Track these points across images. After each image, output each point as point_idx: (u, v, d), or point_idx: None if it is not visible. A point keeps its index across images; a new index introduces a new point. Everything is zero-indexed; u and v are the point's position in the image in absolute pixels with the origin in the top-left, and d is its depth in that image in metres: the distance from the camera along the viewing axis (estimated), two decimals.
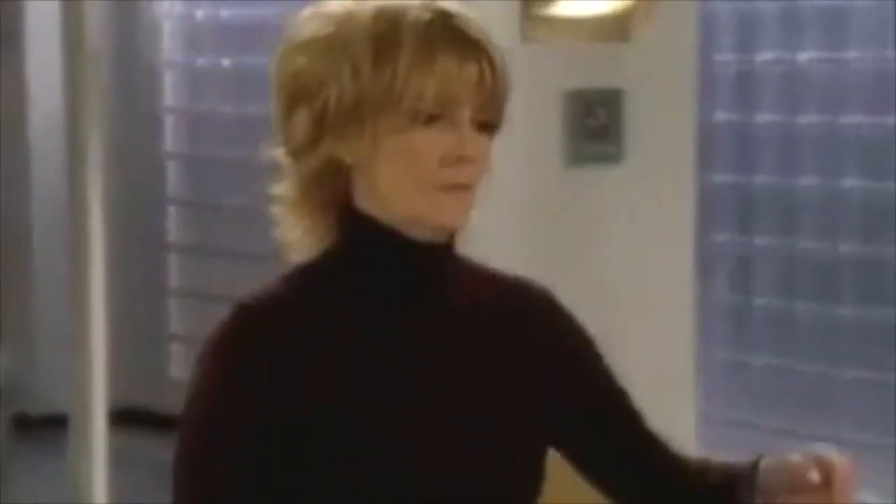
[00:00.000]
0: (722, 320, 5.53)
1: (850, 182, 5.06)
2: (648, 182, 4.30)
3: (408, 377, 1.83)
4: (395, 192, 1.79)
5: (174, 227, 7.00)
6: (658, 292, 4.37)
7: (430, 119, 1.77)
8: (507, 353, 1.92)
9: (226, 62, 6.77)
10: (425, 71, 1.75)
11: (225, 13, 6.77)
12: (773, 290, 5.41)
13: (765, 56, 5.39)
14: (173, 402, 5.27)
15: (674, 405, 4.25)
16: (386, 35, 1.76)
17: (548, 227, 4.19)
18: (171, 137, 6.97)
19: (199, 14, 6.86)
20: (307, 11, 1.84)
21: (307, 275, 1.86)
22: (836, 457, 1.81)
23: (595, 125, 4.19)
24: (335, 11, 1.81)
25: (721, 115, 5.53)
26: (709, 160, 5.46)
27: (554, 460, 2.05)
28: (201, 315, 6.75)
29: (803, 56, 5.28)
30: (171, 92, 6.97)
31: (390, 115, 1.76)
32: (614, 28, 4.04)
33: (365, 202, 1.82)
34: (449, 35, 1.77)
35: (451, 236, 1.86)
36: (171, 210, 6.98)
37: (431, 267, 1.86)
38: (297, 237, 1.88)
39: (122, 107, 6.71)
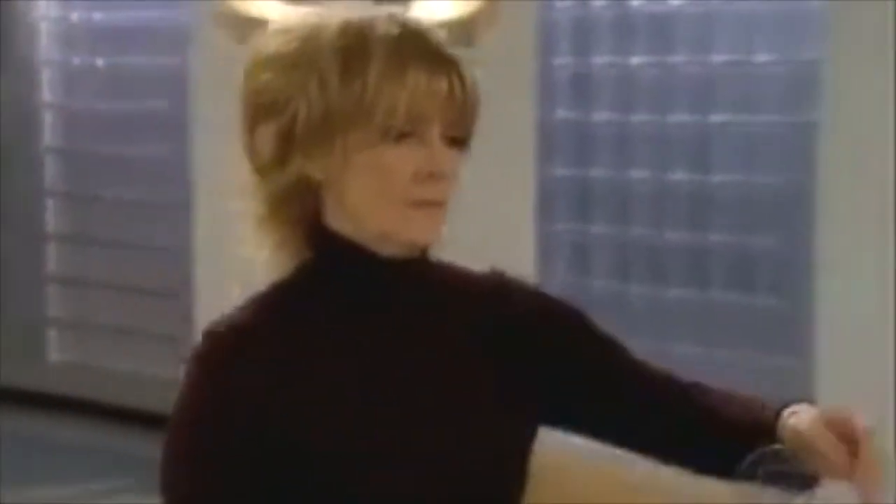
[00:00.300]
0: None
1: (677, 175, 5.16)
2: (492, 174, 4.25)
3: (383, 391, 1.71)
4: (366, 209, 1.70)
5: (52, 217, 6.95)
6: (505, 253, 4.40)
7: (401, 136, 1.66)
8: (485, 355, 1.81)
9: (99, 62, 6.77)
10: (396, 84, 1.65)
11: (98, 16, 6.74)
12: (608, 274, 5.47)
13: (600, 60, 5.47)
14: (51, 385, 5.35)
15: None
16: (354, 48, 1.66)
17: None
18: (49, 133, 6.93)
19: (74, 16, 6.82)
20: (271, 27, 1.74)
21: (278, 294, 1.76)
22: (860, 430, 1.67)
23: None
24: (300, 26, 1.71)
25: (561, 114, 5.58)
26: (549, 155, 5.57)
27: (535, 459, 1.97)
28: (78, 301, 6.78)
29: (635, 60, 5.38)
30: (48, 89, 6.93)
31: (360, 131, 1.66)
32: (460, 32, 4.04)
33: (334, 219, 1.73)
34: (419, 49, 1.67)
35: (422, 251, 1.77)
36: (50, 202, 6.94)
37: (401, 282, 1.75)
38: (265, 254, 1.77)
39: (3, 104, 6.70)
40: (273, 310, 1.75)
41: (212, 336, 1.71)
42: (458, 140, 1.72)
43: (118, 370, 6.37)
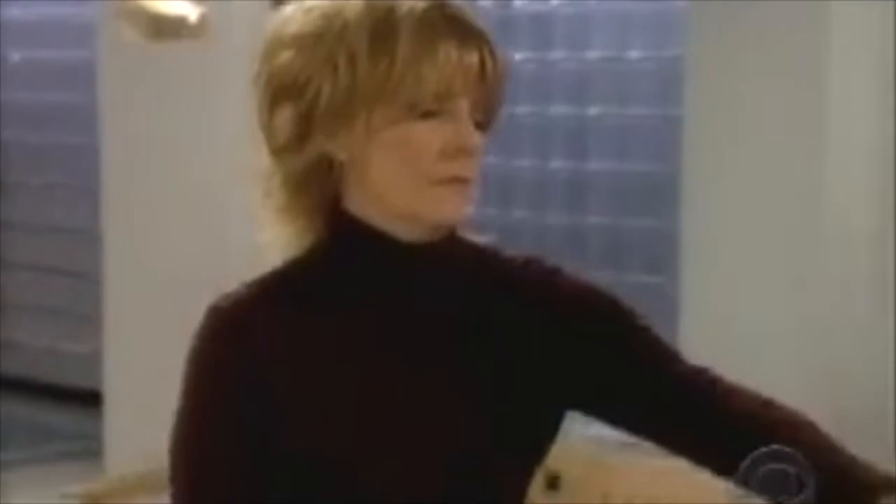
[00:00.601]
0: None
1: (556, 163, 5.31)
2: None
3: (385, 382, 1.57)
4: (391, 188, 1.54)
5: None
6: None
7: (427, 112, 1.51)
8: (506, 346, 1.62)
9: (15, 56, 6.78)
10: (426, 59, 1.50)
11: (14, 12, 6.75)
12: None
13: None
14: None
15: None
16: (382, 23, 1.51)
17: None
18: None
19: None
20: (289, 7, 1.59)
21: (288, 274, 1.61)
22: None
23: None
24: (321, 5, 1.56)
25: None
26: None
27: None
28: None
29: (518, 56, 5.40)
30: None
31: (386, 107, 1.51)
32: None
33: (355, 201, 1.57)
34: (448, 22, 1.53)
35: (449, 233, 1.59)
36: None
37: (421, 268, 1.59)
38: (280, 236, 1.61)
39: None
40: (281, 289, 1.60)
41: (215, 311, 1.58)
42: (481, 123, 1.56)
43: (36, 347, 6.39)
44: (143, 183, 4.41)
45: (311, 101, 1.53)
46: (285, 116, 1.55)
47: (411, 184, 1.53)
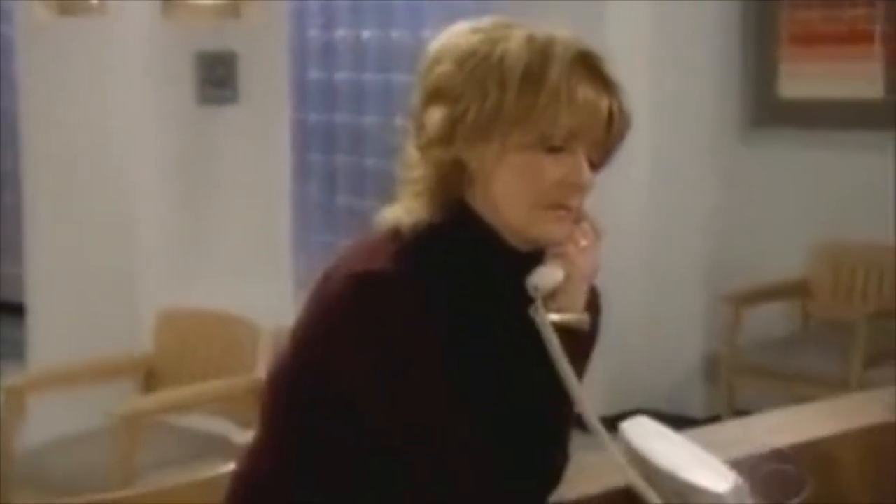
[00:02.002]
0: (315, 213, 5.76)
1: (396, 120, 5.41)
2: (256, 118, 4.40)
3: (493, 361, 1.47)
4: (509, 203, 1.46)
5: None
6: (266, 195, 4.48)
7: (553, 148, 1.44)
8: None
9: None
10: (567, 101, 1.43)
11: None
12: (349, 192, 5.68)
13: (341, 33, 5.66)
14: None
15: (276, 272, 4.48)
16: (536, 60, 1.43)
17: (185, 148, 4.25)
18: None
19: None
20: (465, 24, 1.50)
21: (411, 252, 1.45)
22: None
23: (217, 77, 4.26)
24: (488, 28, 1.47)
25: (313, 74, 5.81)
26: (305, 105, 5.77)
27: None
28: None
29: (365, 34, 5.58)
30: None
31: (522, 134, 1.44)
32: (230, 9, 4.08)
33: (476, 202, 1.48)
34: (591, 71, 1.46)
35: (539, 248, 1.49)
36: None
37: (523, 272, 1.48)
38: (409, 214, 1.48)
39: None
40: (414, 260, 1.45)
41: (372, 275, 1.42)
42: (595, 163, 1.49)
43: None
44: (59, 131, 4.39)
45: (461, 113, 1.44)
46: (436, 118, 1.45)
47: (526, 205, 1.46)
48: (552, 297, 1.48)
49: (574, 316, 1.48)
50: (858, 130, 4.74)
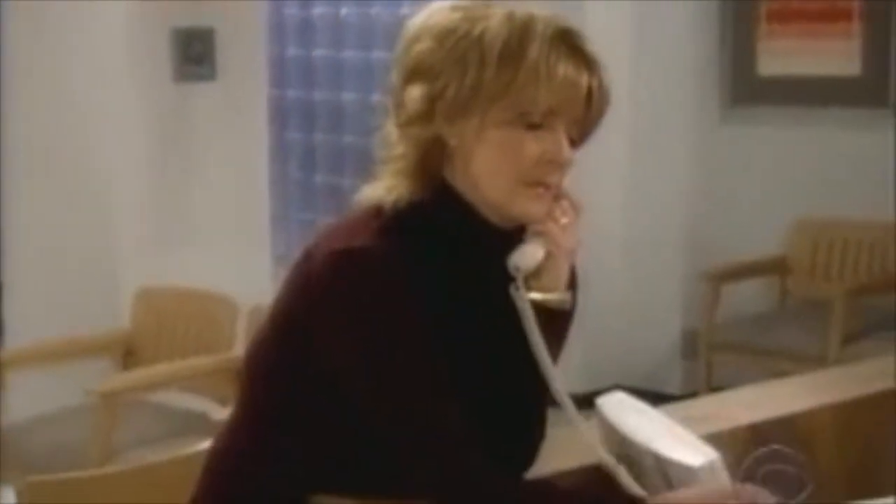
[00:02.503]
0: (294, 190, 5.75)
1: (375, 97, 5.24)
2: (234, 95, 4.36)
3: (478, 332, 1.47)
4: (488, 180, 1.45)
5: None
6: (244, 172, 4.45)
7: (533, 124, 1.44)
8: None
9: None
10: (546, 77, 1.42)
11: None
12: (327, 170, 5.66)
13: (318, 10, 5.63)
14: None
15: (254, 250, 4.44)
16: (515, 37, 1.42)
17: (162, 126, 4.22)
18: None
19: None
20: (445, 2, 1.48)
21: (401, 226, 1.45)
22: None
23: (194, 53, 4.23)
24: (468, 6, 1.47)
25: (291, 51, 5.78)
26: (284, 81, 5.74)
27: None
28: None
29: (343, 10, 5.54)
30: None
31: (501, 111, 1.43)
32: None
33: (456, 179, 1.47)
34: (571, 48, 1.44)
35: (518, 226, 1.49)
36: None
37: (503, 249, 1.48)
38: (389, 192, 1.47)
39: None
40: (397, 236, 1.45)
41: (356, 252, 1.42)
42: (574, 140, 1.48)
43: None
44: (35, 109, 4.36)
45: (440, 90, 1.43)
46: (415, 95, 1.44)
47: (506, 181, 1.45)
48: (535, 276, 1.47)
49: (556, 296, 1.49)
50: (837, 108, 4.76)
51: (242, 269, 4.24)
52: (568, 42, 1.45)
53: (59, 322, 4.06)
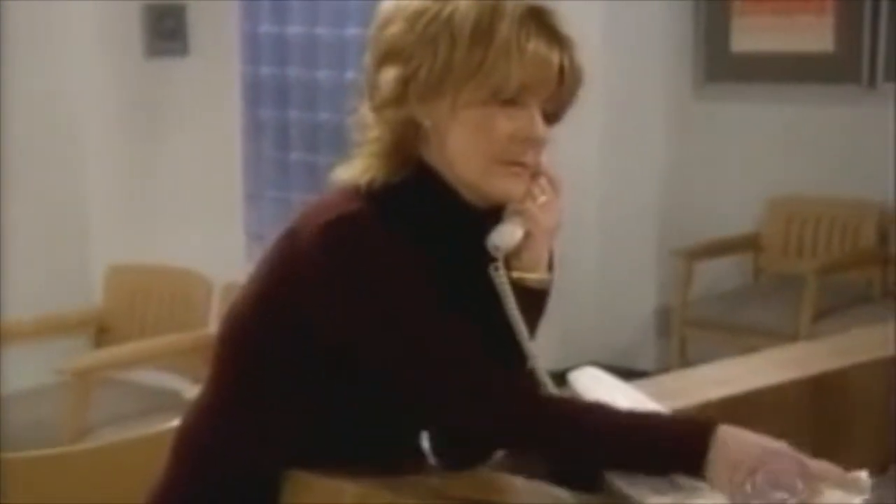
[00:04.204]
0: (268, 168, 5.74)
1: (350, 74, 5.31)
2: (206, 72, 4.36)
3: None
4: (463, 159, 1.45)
5: None
6: (217, 149, 4.44)
7: (506, 101, 1.44)
8: None
9: None
10: (516, 54, 1.42)
11: None
12: (302, 147, 5.65)
13: None
14: None
15: (227, 228, 4.46)
16: (486, 16, 1.42)
17: (134, 102, 4.22)
18: None
19: None
20: None
21: (381, 202, 1.45)
22: None
23: (166, 29, 4.22)
24: None
25: (264, 28, 5.75)
26: (257, 58, 5.72)
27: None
28: None
29: None
30: None
31: (473, 90, 1.43)
32: None
33: (432, 159, 1.48)
34: (541, 25, 1.44)
35: (495, 206, 1.49)
36: None
37: (479, 228, 1.47)
38: (364, 174, 1.47)
39: None
40: (378, 210, 1.45)
41: (346, 219, 1.42)
42: (550, 117, 1.48)
43: None
44: (4, 86, 4.33)
45: (412, 71, 1.43)
46: (388, 78, 1.45)
47: (480, 160, 1.45)
48: (515, 256, 1.47)
49: (536, 276, 1.49)
50: (810, 84, 4.78)
51: (215, 246, 4.23)
52: (538, 19, 1.45)
53: (32, 300, 4.05)
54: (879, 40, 4.59)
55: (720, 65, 4.95)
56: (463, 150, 1.45)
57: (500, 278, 1.45)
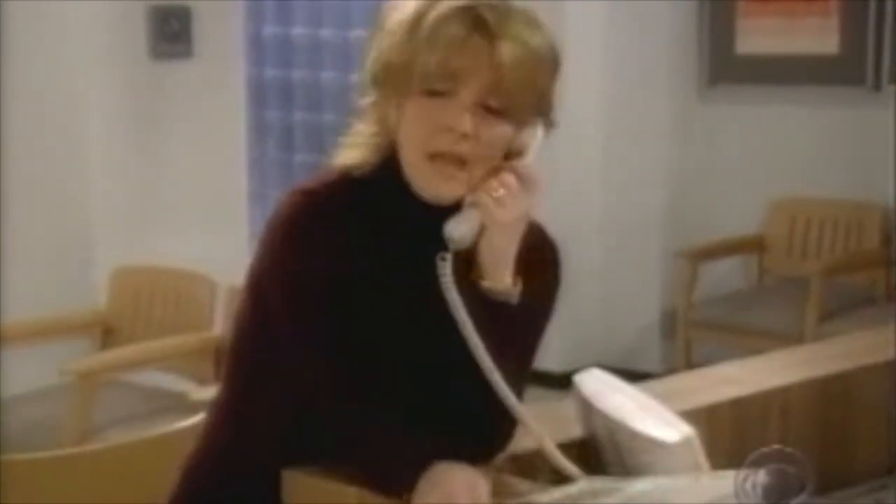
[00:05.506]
0: (273, 169, 5.71)
1: (354, 76, 5.27)
2: (211, 74, 4.36)
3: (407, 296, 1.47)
4: (404, 152, 1.47)
5: None
6: (222, 151, 4.45)
7: (436, 92, 1.44)
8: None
9: None
10: (432, 40, 1.43)
11: None
12: (308, 148, 5.63)
13: None
14: None
15: (232, 229, 4.44)
16: (422, 11, 1.45)
17: (139, 104, 4.22)
18: None
19: None
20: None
21: (345, 184, 1.48)
22: None
23: (171, 31, 4.22)
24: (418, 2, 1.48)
25: (268, 30, 5.75)
26: (262, 60, 5.72)
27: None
28: None
29: None
30: None
31: (409, 81, 1.44)
32: None
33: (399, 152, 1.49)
34: (464, 14, 1.44)
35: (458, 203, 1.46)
36: None
37: (433, 224, 1.44)
38: (347, 157, 1.51)
39: None
40: (347, 193, 1.48)
41: (306, 193, 1.47)
42: (496, 110, 1.45)
43: None
44: (9, 87, 4.33)
45: (370, 67, 1.48)
46: (363, 74, 1.49)
47: (414, 154, 1.45)
48: (474, 260, 1.44)
49: (493, 284, 1.44)
50: (814, 86, 4.77)
51: (220, 248, 4.23)
52: (469, 12, 1.44)
53: (37, 302, 4.05)
54: (884, 42, 4.58)
55: (725, 67, 4.94)
56: (405, 141, 1.46)
57: (445, 269, 1.41)
